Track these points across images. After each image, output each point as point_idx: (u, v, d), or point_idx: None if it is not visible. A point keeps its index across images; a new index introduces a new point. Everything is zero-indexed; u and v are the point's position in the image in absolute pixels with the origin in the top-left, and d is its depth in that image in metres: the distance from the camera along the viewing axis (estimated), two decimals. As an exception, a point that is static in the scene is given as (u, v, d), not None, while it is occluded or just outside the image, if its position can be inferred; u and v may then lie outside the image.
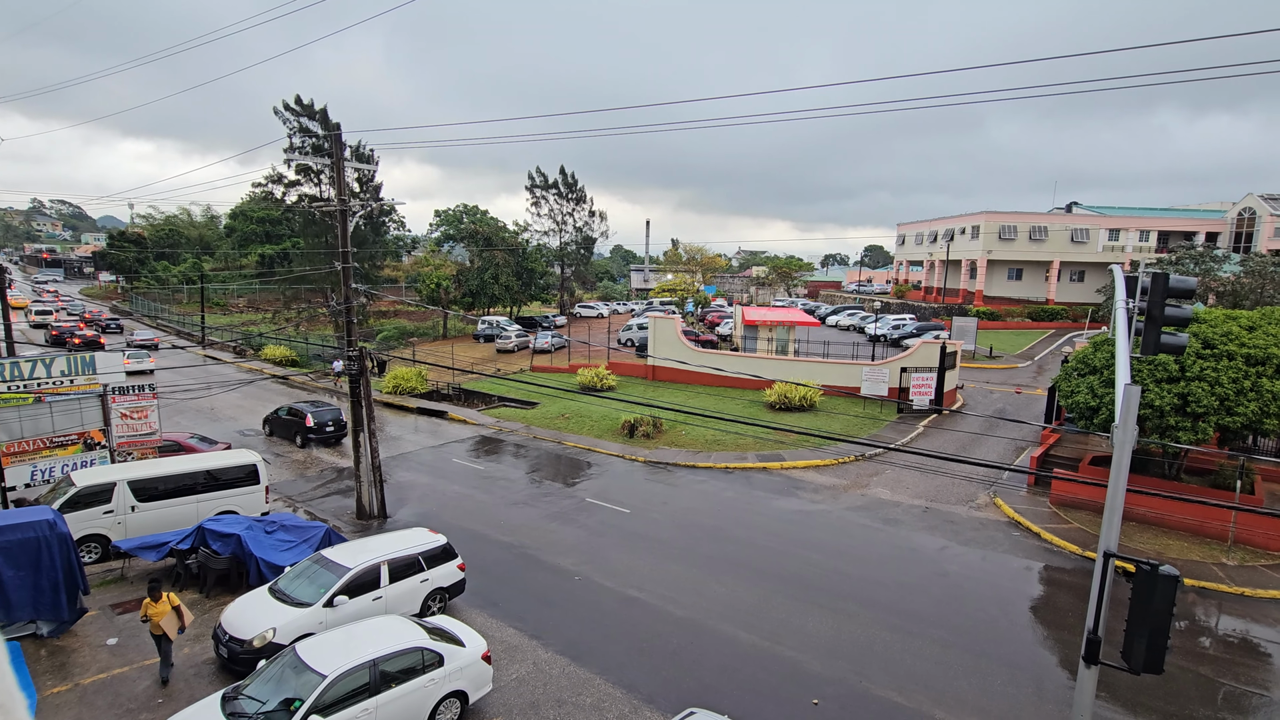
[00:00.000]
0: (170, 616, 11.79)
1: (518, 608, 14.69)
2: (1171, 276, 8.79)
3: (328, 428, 27.12)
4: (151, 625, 11.82)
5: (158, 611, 11.73)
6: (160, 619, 11.70)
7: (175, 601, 11.91)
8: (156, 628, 11.78)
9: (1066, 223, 67.19)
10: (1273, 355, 17.77)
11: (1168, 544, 18.01)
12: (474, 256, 61.49)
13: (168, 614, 11.76)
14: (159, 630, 11.77)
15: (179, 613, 11.93)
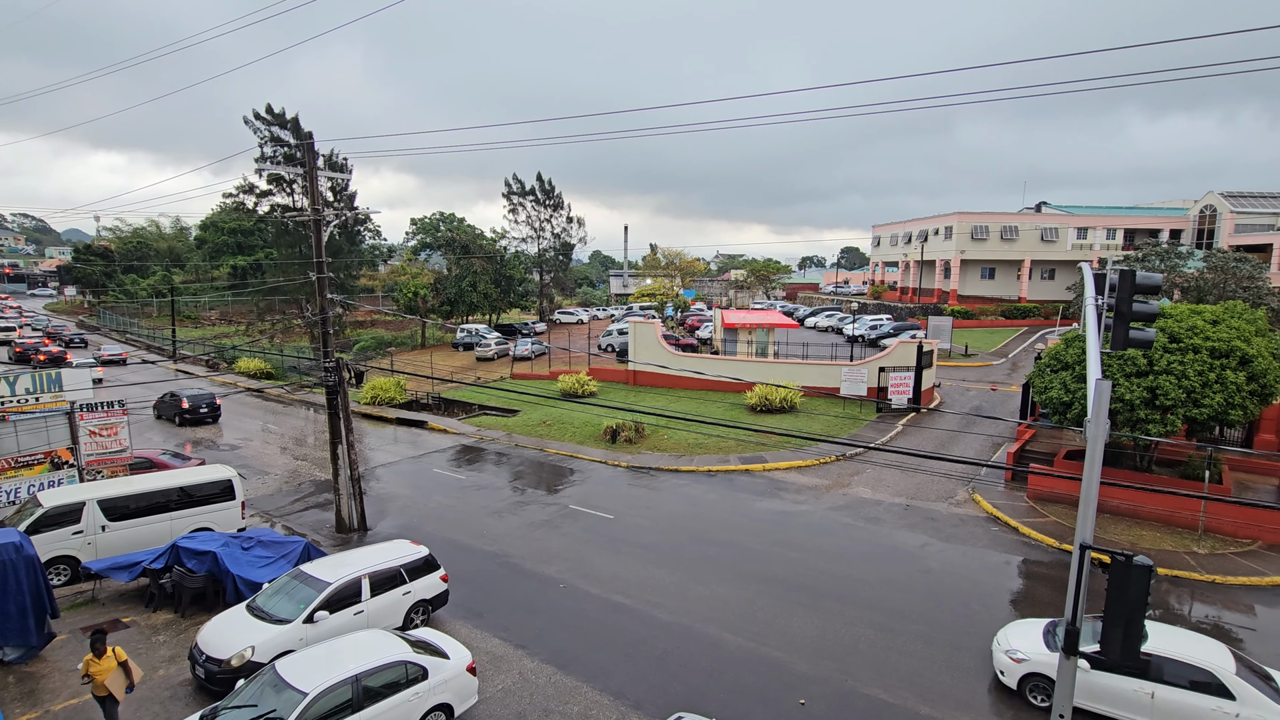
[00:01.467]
0: (116, 674, 10.24)
1: (502, 617, 14.56)
2: (1138, 273, 9.01)
3: (201, 409, 32.12)
4: (94, 685, 10.17)
5: (101, 669, 10.15)
6: (104, 678, 10.11)
7: (122, 657, 10.41)
8: (100, 688, 10.14)
9: (1036, 222, 68.60)
10: (1236, 348, 18.28)
11: (1141, 535, 18.40)
12: (452, 264, 61.07)
13: (113, 672, 10.21)
14: (103, 691, 10.13)
15: (126, 669, 10.40)
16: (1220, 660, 10.48)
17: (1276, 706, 9.58)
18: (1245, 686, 9.90)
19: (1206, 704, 9.83)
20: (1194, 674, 10.24)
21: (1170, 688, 10.33)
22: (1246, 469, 22.61)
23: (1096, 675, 10.65)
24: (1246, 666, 10.57)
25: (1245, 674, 10.20)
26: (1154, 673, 10.48)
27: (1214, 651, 10.81)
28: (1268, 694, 9.83)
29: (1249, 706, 9.46)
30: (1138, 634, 7.61)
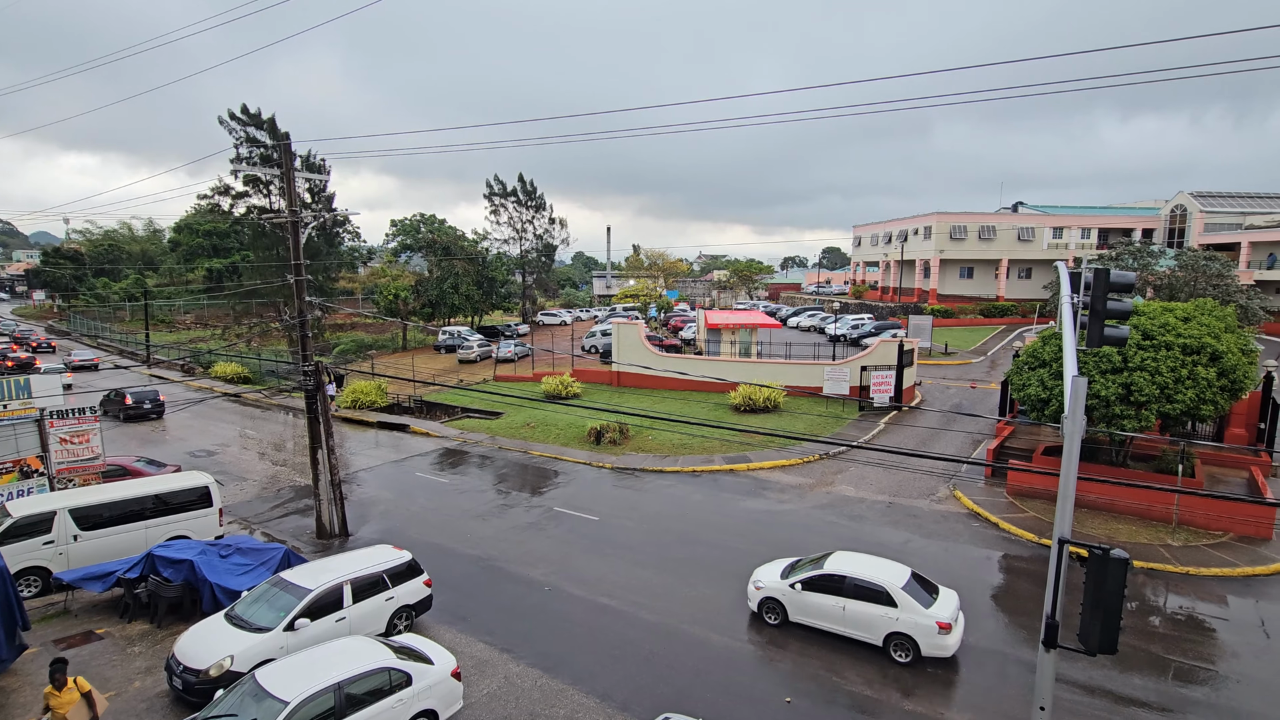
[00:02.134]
0: (79, 707, 9.58)
1: (487, 621, 14.45)
2: (1112, 272, 9.17)
3: (145, 405, 33.64)
4: (53, 718, 9.43)
5: (62, 702, 9.41)
6: (66, 710, 9.38)
7: (85, 688, 9.77)
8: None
9: (1013, 222, 69.66)
10: (1207, 345, 18.68)
11: (1118, 528, 18.73)
12: (433, 266, 60.57)
13: (75, 704, 9.52)
14: None
15: (90, 700, 9.76)
16: (893, 578, 13.32)
17: (926, 611, 12.71)
18: (906, 597, 12.92)
19: (878, 611, 13.04)
20: (872, 590, 13.20)
21: (856, 600, 13.32)
22: (1218, 462, 23.12)
23: (807, 595, 13.76)
24: (918, 582, 13.44)
25: (911, 588, 13.12)
26: (846, 590, 13.45)
27: (892, 572, 13.62)
28: (922, 602, 12.87)
29: (906, 612, 12.76)
30: (1116, 624, 7.73)
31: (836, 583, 13.50)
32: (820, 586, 13.64)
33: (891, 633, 12.85)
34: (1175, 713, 11.43)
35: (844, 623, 13.39)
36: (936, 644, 12.53)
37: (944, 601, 13.15)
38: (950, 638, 12.57)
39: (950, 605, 13.07)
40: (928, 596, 13.12)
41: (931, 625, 12.54)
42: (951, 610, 12.92)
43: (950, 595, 13.48)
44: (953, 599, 13.34)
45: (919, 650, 12.60)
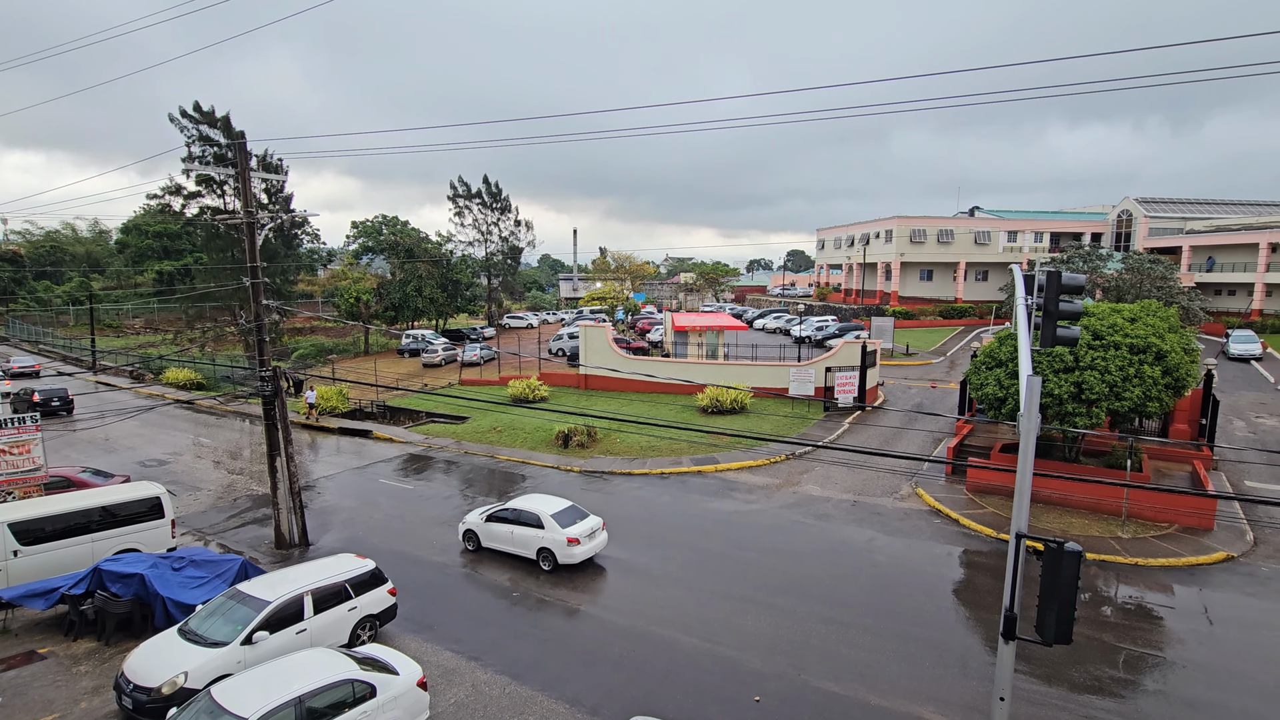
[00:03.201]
0: None
1: (454, 629, 14.23)
2: (1063, 274, 9.48)
3: (54, 403, 34.07)
4: None
5: None
6: None
7: None
8: None
9: (970, 226, 71.66)
10: (1152, 344, 19.47)
11: (1071, 522, 19.37)
12: (395, 268, 59.52)
13: None
14: None
15: None
16: (547, 509, 16.99)
17: (562, 530, 16.42)
18: (551, 521, 16.65)
19: (533, 533, 16.82)
20: (530, 517, 17.00)
21: (520, 526, 17.10)
22: (1163, 457, 24.10)
23: (491, 525, 17.58)
24: (570, 513, 17.09)
25: (559, 516, 16.80)
26: (514, 519, 17.26)
27: (550, 504, 17.26)
28: (566, 524, 16.66)
29: (549, 532, 16.61)
30: (1070, 615, 7.99)
31: (511, 514, 17.34)
32: (499, 519, 17.51)
33: (540, 548, 16.72)
34: (1126, 699, 11.86)
35: (512, 543, 17.24)
36: (567, 554, 16.46)
37: (584, 524, 16.87)
38: (578, 549, 16.48)
39: (586, 527, 16.83)
40: (573, 521, 16.86)
41: (563, 540, 16.37)
42: (584, 530, 16.70)
43: (593, 520, 17.23)
44: (594, 523, 17.14)
45: (556, 560, 16.51)
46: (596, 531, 17.12)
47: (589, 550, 16.73)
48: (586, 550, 16.66)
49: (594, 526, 17.06)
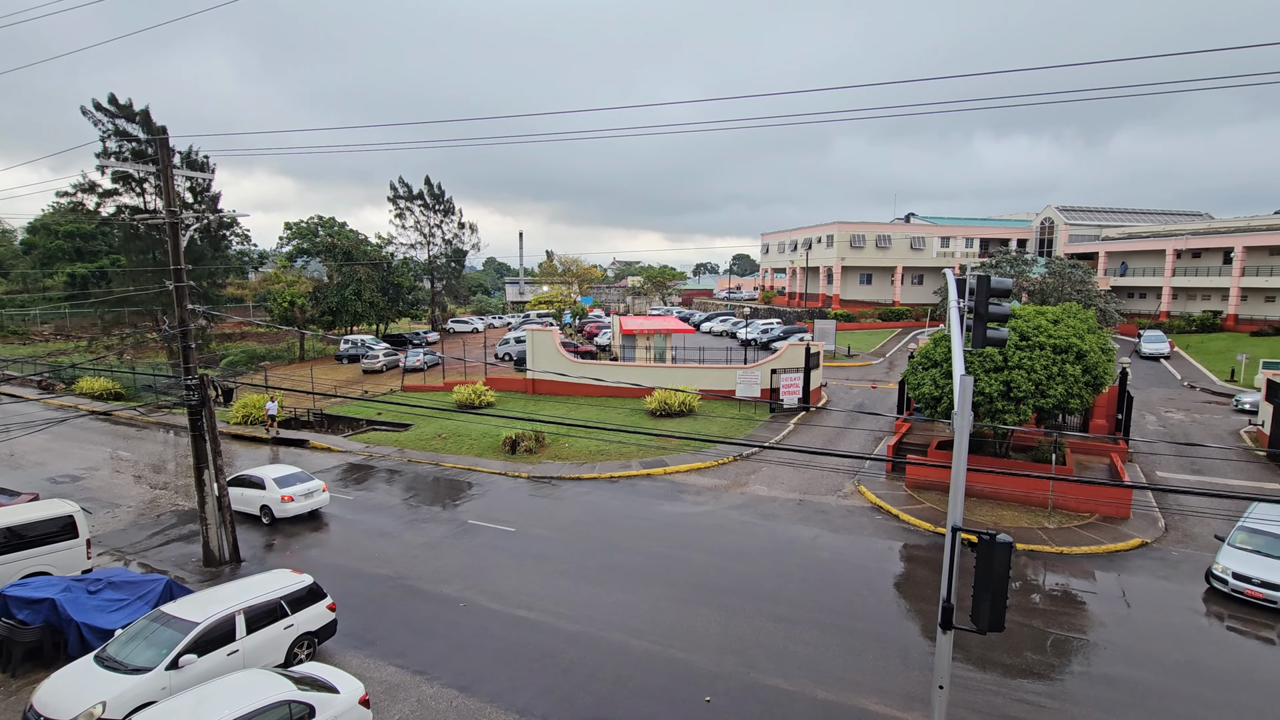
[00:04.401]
0: None
1: (398, 643, 13.79)
2: (992, 278, 9.92)
3: None
4: None
5: None
6: None
7: None
8: None
9: (906, 232, 74.44)
10: (1073, 345, 20.62)
11: (1002, 515, 20.29)
12: (332, 272, 57.47)
13: None
14: None
15: None
16: (271, 474, 20.54)
17: (280, 490, 20.10)
18: (272, 484, 20.29)
19: (256, 494, 20.39)
20: (255, 481, 20.53)
21: (249, 489, 20.54)
22: (1085, 451, 25.56)
23: (233, 489, 19.97)
24: (292, 477, 20.63)
25: (280, 480, 20.37)
26: (248, 484, 20.56)
27: (276, 471, 20.87)
28: (285, 486, 20.24)
29: (268, 492, 20.18)
30: (1003, 604, 8.34)
31: (247, 480, 20.55)
32: (238, 483, 20.53)
33: (262, 505, 20.19)
34: (1054, 680, 12.47)
35: (243, 504, 20.36)
36: (282, 510, 19.92)
37: (302, 486, 20.38)
38: (291, 506, 19.96)
39: (302, 487, 20.35)
40: (293, 482, 20.38)
41: (278, 498, 19.85)
42: (299, 490, 20.22)
43: (313, 483, 20.76)
44: (313, 485, 20.71)
45: (274, 515, 20.01)
46: (315, 493, 20.64)
47: (304, 506, 20.24)
48: (301, 506, 20.17)
49: (313, 489, 20.60)
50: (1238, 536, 16.00)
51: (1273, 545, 15.32)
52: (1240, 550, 15.65)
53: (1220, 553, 15.91)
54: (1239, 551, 15.65)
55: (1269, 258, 56.85)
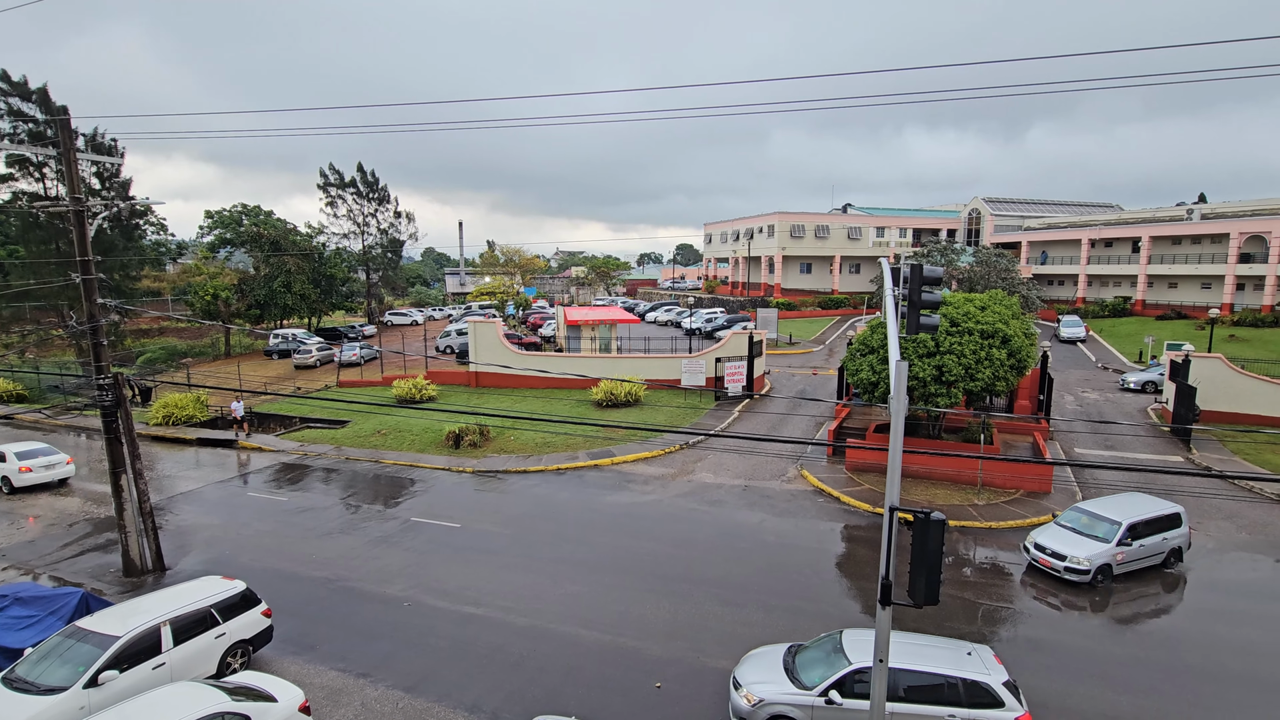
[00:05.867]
0: None
1: (339, 646, 13.34)
2: (924, 267, 10.26)
3: None
4: None
5: None
6: None
7: None
8: None
9: (844, 222, 76.46)
10: (999, 330, 21.66)
11: (936, 493, 21.21)
12: (259, 263, 54.73)
13: None
14: None
15: None
16: (10, 448, 22.76)
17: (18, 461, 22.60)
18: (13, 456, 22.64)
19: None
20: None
21: None
22: (1010, 430, 26.97)
23: None
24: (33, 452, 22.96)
25: (21, 454, 22.74)
26: None
27: (13, 447, 22.96)
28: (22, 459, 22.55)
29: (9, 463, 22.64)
30: (937, 579, 8.72)
31: None
32: None
33: (2, 476, 22.52)
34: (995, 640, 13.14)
35: None
36: (20, 479, 22.37)
37: (42, 460, 22.73)
38: (29, 475, 22.41)
39: (44, 461, 22.69)
40: (34, 456, 22.68)
41: (16, 469, 22.26)
42: (41, 463, 22.62)
43: (57, 457, 23.05)
44: (57, 458, 22.97)
45: (13, 485, 22.39)
46: (57, 465, 22.93)
47: (42, 477, 22.50)
48: (39, 477, 22.45)
49: (55, 461, 22.89)
50: (1066, 515, 17.09)
51: (1087, 523, 16.37)
52: (1059, 527, 16.74)
53: (1041, 528, 17.01)
54: (1056, 527, 16.73)
55: (1171, 247, 61.17)
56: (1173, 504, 16.83)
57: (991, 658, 10.84)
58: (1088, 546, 15.63)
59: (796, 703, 10.45)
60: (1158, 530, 16.14)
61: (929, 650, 10.85)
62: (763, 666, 11.20)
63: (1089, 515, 16.47)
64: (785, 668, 11.09)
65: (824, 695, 10.38)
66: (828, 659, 10.86)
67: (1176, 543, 16.33)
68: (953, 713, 10.07)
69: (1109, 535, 15.76)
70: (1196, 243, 59.33)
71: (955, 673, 10.28)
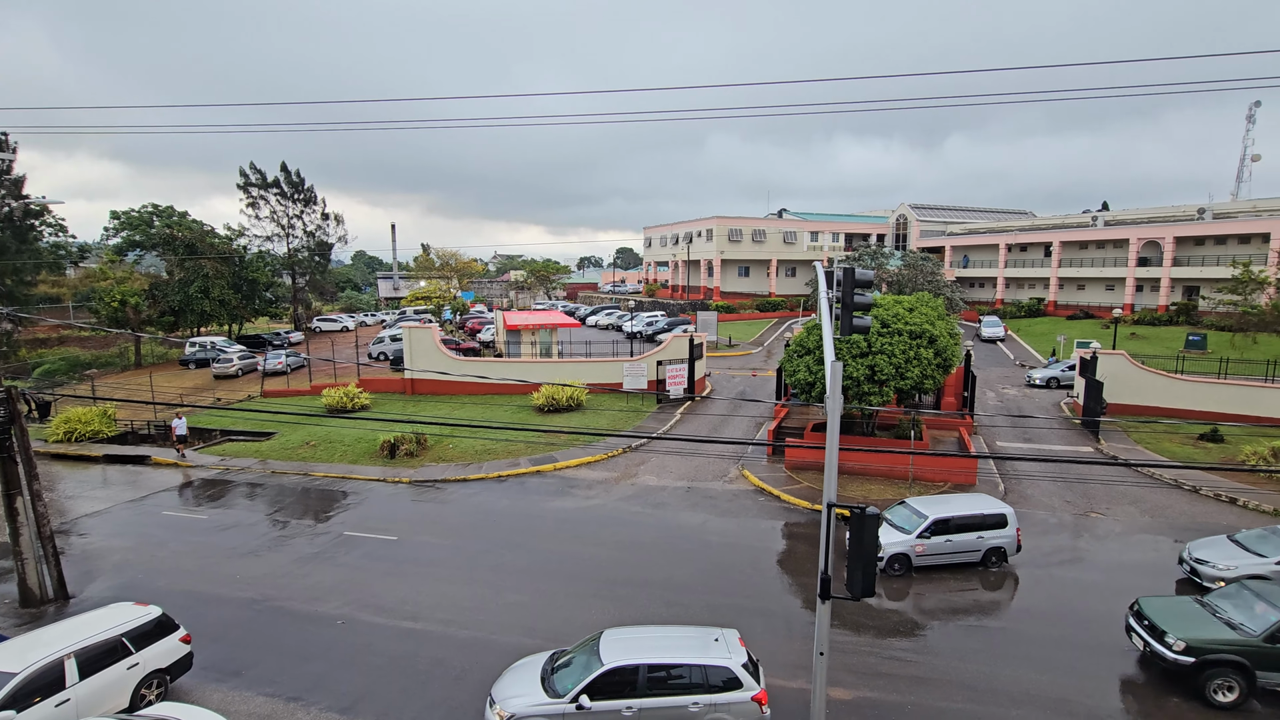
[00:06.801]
0: None
1: (268, 671, 12.65)
2: (856, 270, 10.61)
3: None
4: None
5: None
6: None
7: None
8: None
9: (779, 226, 78.41)
10: (926, 330, 22.63)
11: (871, 489, 21.93)
12: (173, 266, 51.55)
13: None
14: None
15: None
16: None
17: None
18: None
19: None
20: None
21: None
22: (938, 426, 28.20)
23: None
24: None
25: None
26: None
27: None
28: None
29: None
30: (873, 572, 9.00)
31: None
32: None
33: None
34: (917, 635, 13.67)
35: None
36: None
37: None
38: None
39: None
40: None
41: None
42: None
43: None
44: None
45: None
46: None
47: None
48: None
49: None
50: (892, 510, 17.48)
51: (904, 517, 16.97)
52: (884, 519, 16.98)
53: None
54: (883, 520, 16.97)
55: (1079, 251, 65.53)
56: (1003, 506, 17.04)
57: (736, 641, 11.17)
58: (890, 535, 16.29)
59: (548, 713, 10.23)
60: (973, 529, 16.43)
61: (677, 640, 11.12)
62: (521, 679, 10.95)
63: (909, 510, 17.03)
64: (543, 678, 10.85)
65: (574, 702, 10.23)
66: (586, 663, 10.73)
67: (998, 543, 16.47)
68: (696, 700, 10.34)
69: (912, 528, 16.40)
70: (1101, 247, 63.78)
71: (698, 660, 10.54)
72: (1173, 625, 12.03)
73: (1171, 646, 11.76)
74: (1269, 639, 11.50)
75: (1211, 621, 12.13)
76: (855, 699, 11.74)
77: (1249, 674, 11.42)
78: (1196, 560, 15.69)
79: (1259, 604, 12.11)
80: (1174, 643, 11.75)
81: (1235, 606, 12.35)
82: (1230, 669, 11.45)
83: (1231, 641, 11.60)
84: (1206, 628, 11.94)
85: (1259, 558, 15.19)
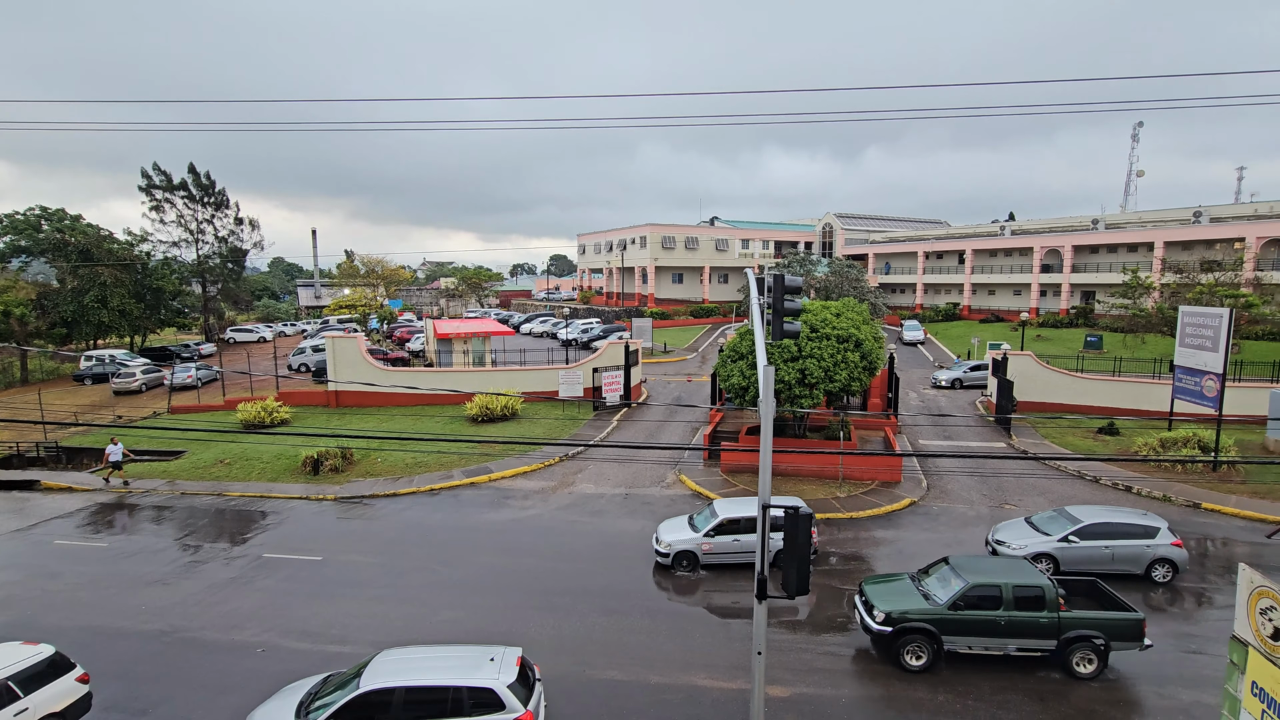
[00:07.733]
0: None
1: (179, 707, 11.75)
2: (786, 277, 10.89)
3: None
4: None
5: None
6: None
7: None
8: None
9: (712, 234, 79.81)
10: (853, 334, 23.48)
11: (803, 489, 22.50)
12: (65, 274, 47.64)
13: None
14: None
15: None
16: None
17: None
18: None
19: None
20: None
21: None
22: (865, 427, 29.28)
23: None
24: None
25: None
26: None
27: None
28: None
29: None
30: (807, 570, 9.21)
31: None
32: None
33: None
34: (851, 631, 14.08)
35: None
36: None
37: None
38: None
39: None
40: None
41: None
42: None
43: None
44: None
45: None
46: None
47: None
48: None
49: None
50: (699, 514, 17.93)
51: (702, 518, 17.50)
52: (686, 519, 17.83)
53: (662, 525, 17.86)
54: (673, 520, 17.88)
55: (989, 259, 69.72)
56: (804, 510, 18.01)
57: (513, 660, 10.68)
58: (681, 534, 16.90)
59: None
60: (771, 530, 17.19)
61: (447, 660, 10.68)
62: (279, 709, 10.49)
63: (709, 512, 17.52)
64: (300, 705, 10.44)
65: None
66: (349, 686, 10.24)
67: None
68: None
69: (701, 527, 17.05)
70: (1009, 255, 68.08)
71: (461, 681, 10.07)
72: (881, 600, 13.07)
73: (876, 618, 12.83)
74: (951, 606, 12.63)
75: (913, 595, 13.23)
76: (792, 695, 11.96)
77: (936, 639, 12.56)
78: (997, 541, 17.04)
79: (953, 578, 13.22)
80: (878, 614, 12.82)
81: (937, 581, 13.46)
82: (921, 635, 12.57)
83: (923, 611, 12.71)
84: (906, 600, 13.03)
85: (1045, 536, 16.68)
